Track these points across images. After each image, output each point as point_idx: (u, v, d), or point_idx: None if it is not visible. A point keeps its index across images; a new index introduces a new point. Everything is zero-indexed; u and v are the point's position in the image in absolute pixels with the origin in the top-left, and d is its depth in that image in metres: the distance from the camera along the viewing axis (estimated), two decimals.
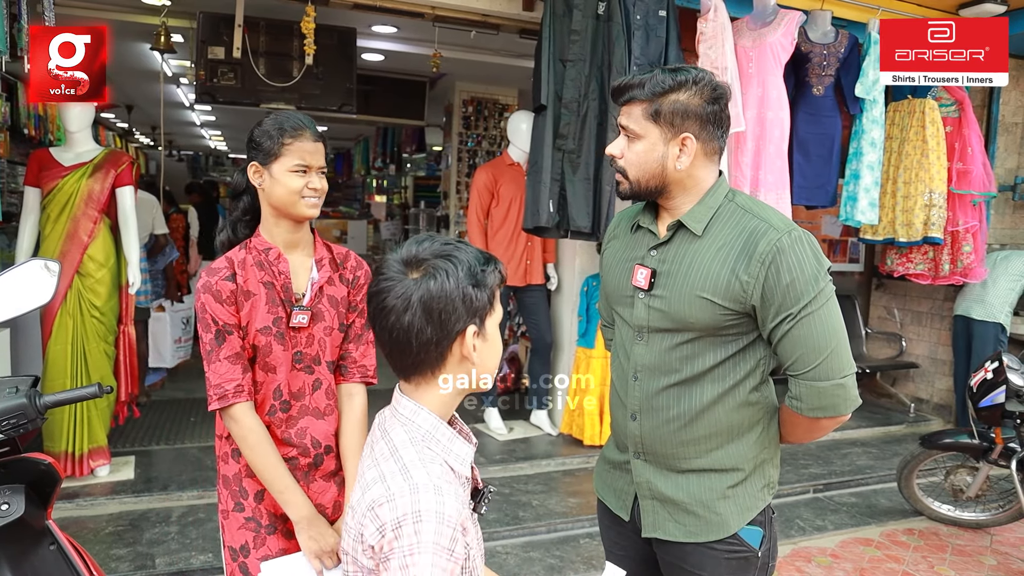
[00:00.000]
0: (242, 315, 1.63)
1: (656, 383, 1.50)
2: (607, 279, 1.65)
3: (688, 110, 1.40)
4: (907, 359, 5.70)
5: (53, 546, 1.68)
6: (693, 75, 1.41)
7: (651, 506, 1.55)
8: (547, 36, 3.45)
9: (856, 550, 3.52)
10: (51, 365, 3.56)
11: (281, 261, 1.66)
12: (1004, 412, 3.42)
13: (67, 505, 3.45)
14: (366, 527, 1.01)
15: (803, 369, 1.39)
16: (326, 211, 10.66)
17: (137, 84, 7.82)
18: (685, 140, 1.42)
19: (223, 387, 1.60)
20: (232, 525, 1.68)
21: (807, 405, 1.42)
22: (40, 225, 3.58)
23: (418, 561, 0.95)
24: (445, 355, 1.08)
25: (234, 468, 1.69)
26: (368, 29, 5.26)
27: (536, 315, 4.61)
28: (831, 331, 1.38)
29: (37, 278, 1.66)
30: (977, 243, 4.59)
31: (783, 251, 1.35)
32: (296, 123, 1.63)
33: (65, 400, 1.68)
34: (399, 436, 1.08)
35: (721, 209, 1.46)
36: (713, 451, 1.49)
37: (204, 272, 1.64)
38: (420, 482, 1.01)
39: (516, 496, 3.83)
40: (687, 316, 1.43)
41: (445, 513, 0.99)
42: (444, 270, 1.04)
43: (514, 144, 4.49)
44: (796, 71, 4.11)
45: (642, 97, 1.41)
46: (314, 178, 1.65)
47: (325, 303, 1.71)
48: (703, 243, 1.44)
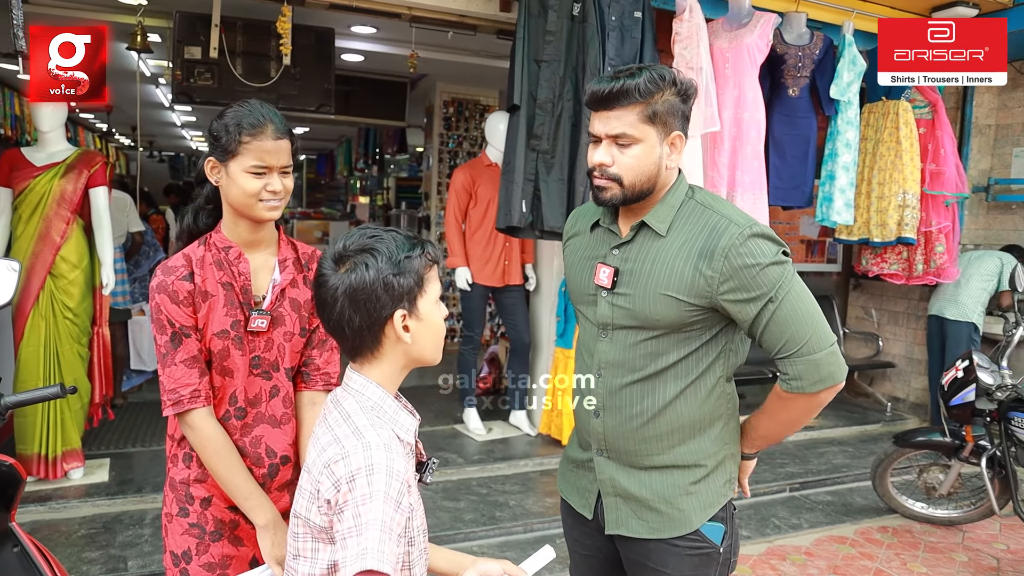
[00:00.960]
0: (200, 316, 1.55)
1: (619, 379, 1.51)
2: (570, 277, 1.66)
3: (675, 109, 1.42)
4: (884, 359, 5.76)
5: (16, 548, 1.66)
6: (670, 73, 1.43)
7: (614, 503, 1.56)
8: (522, 36, 3.46)
9: (830, 548, 3.55)
10: (23, 367, 3.52)
11: (241, 261, 1.58)
12: (974, 410, 3.47)
13: (40, 508, 3.42)
14: (322, 483, 1.10)
15: (796, 346, 1.40)
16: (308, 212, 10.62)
17: (116, 85, 7.70)
18: (676, 139, 1.44)
19: (178, 392, 1.52)
20: (176, 530, 1.62)
21: (809, 380, 1.42)
22: (12, 226, 3.54)
23: (371, 508, 1.04)
24: (380, 338, 1.18)
25: (183, 473, 1.62)
26: (347, 30, 5.25)
27: (515, 315, 4.62)
28: (810, 305, 1.43)
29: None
30: (950, 244, 4.65)
31: (744, 243, 1.38)
32: (257, 119, 1.51)
33: (27, 400, 1.67)
34: (351, 405, 1.18)
35: (683, 207, 1.48)
36: (676, 447, 1.50)
37: (160, 270, 1.55)
38: (371, 441, 1.10)
39: (493, 496, 3.83)
40: (651, 314, 1.45)
41: (394, 468, 1.09)
42: (364, 263, 1.14)
43: (492, 145, 4.50)
44: (771, 73, 4.14)
45: (639, 99, 1.39)
46: (274, 179, 1.53)
47: (287, 306, 1.62)
48: (665, 241, 1.46)
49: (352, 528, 1.04)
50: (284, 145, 1.54)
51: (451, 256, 4.51)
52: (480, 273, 4.50)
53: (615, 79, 1.40)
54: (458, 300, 6.09)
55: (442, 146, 7.02)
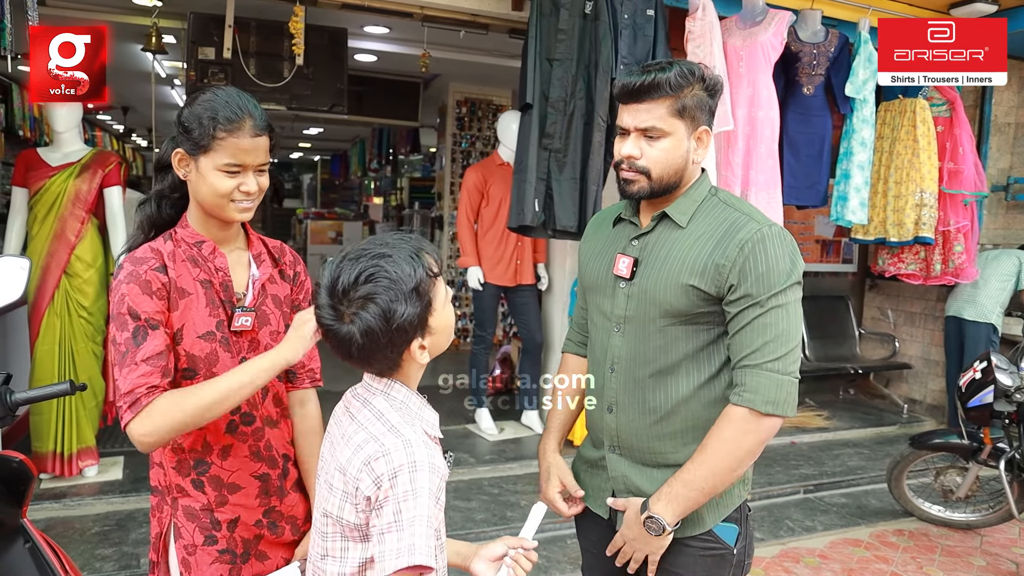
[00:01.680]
0: (174, 316, 1.39)
1: (632, 374, 1.50)
2: (585, 273, 1.65)
3: (703, 103, 1.44)
4: (900, 360, 5.70)
5: (28, 544, 1.67)
6: (699, 68, 1.43)
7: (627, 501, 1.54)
8: (534, 35, 3.45)
9: (845, 551, 3.51)
10: (39, 365, 3.55)
11: (217, 256, 1.45)
12: (993, 412, 3.41)
13: (54, 505, 3.45)
14: (362, 480, 1.09)
15: (765, 359, 1.38)
16: (321, 212, 10.67)
17: (132, 86, 7.82)
18: (703, 133, 1.45)
19: (134, 392, 1.29)
20: (203, 560, 1.46)
21: (763, 397, 1.37)
22: (28, 225, 3.58)
23: (416, 504, 1.05)
24: (399, 362, 1.18)
25: (201, 500, 1.46)
26: (360, 30, 5.26)
27: (527, 315, 4.61)
28: (796, 329, 1.41)
29: (9, 274, 1.66)
30: (968, 243, 4.59)
31: (762, 240, 1.38)
32: (235, 111, 1.35)
33: (37, 397, 1.68)
34: (381, 403, 1.18)
35: (705, 203, 1.49)
36: (689, 446, 1.47)
37: (127, 261, 1.38)
38: (411, 438, 1.11)
39: (505, 496, 3.83)
40: (663, 301, 1.45)
41: (435, 464, 1.11)
42: (372, 313, 1.10)
43: (504, 144, 4.49)
44: (786, 71, 4.10)
45: (669, 93, 1.39)
46: (249, 179, 1.39)
47: (269, 303, 1.52)
48: (684, 232, 1.47)
49: (392, 524, 1.05)
50: (262, 143, 1.39)
51: (463, 256, 4.50)
52: (492, 273, 4.49)
53: (646, 72, 1.41)
54: (470, 300, 6.10)
55: (455, 146, 7.02)
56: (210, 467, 1.47)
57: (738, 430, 1.39)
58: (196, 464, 1.47)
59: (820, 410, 5.44)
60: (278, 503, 1.55)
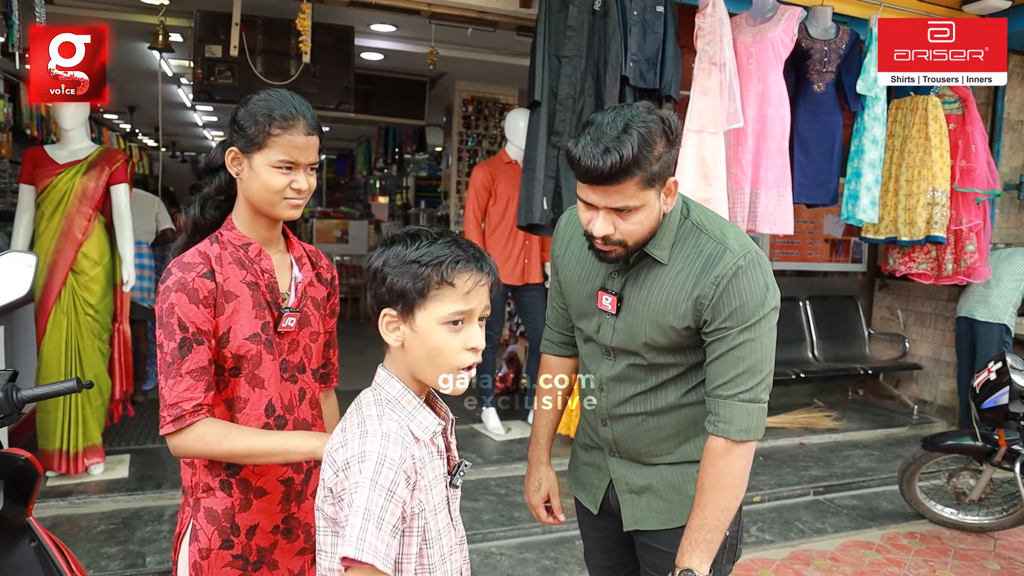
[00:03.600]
0: (221, 320, 1.42)
1: (622, 393, 1.56)
2: (569, 292, 1.63)
3: (668, 161, 1.37)
4: (910, 360, 5.65)
5: (34, 543, 1.66)
6: (655, 120, 1.33)
7: (630, 500, 1.61)
8: (542, 32, 3.43)
9: (856, 553, 3.47)
10: (45, 363, 3.54)
11: (263, 258, 1.48)
12: (1008, 414, 3.37)
13: (60, 503, 3.44)
14: (326, 470, 1.12)
15: (738, 389, 1.42)
16: (327, 212, 10.66)
17: (139, 85, 7.83)
18: (672, 185, 1.41)
19: (180, 407, 1.36)
20: (216, 563, 1.47)
21: (737, 427, 1.41)
22: (35, 223, 3.57)
23: (358, 495, 1.05)
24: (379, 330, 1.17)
25: (224, 502, 1.47)
26: (367, 28, 5.25)
27: (534, 314, 4.58)
28: (768, 357, 1.43)
29: (16, 271, 1.65)
30: (981, 242, 4.54)
31: (736, 275, 1.39)
32: (289, 110, 1.40)
33: (43, 394, 1.66)
34: (367, 396, 1.19)
35: (680, 229, 1.47)
36: (682, 445, 1.56)
37: (175, 266, 1.41)
38: (371, 429, 1.11)
39: (512, 496, 3.80)
40: (648, 339, 1.48)
41: (387, 456, 1.08)
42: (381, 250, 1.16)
43: (512, 142, 4.46)
44: (796, 68, 4.07)
45: (636, 172, 1.31)
46: (300, 177, 1.42)
47: (310, 305, 1.55)
48: (665, 269, 1.47)
49: (346, 516, 1.06)
50: (314, 142, 1.43)
51: None
52: (499, 271, 4.44)
53: (607, 152, 1.28)
54: None
55: (461, 145, 7.00)
56: (241, 469, 1.48)
57: (724, 461, 1.43)
58: (228, 465, 1.47)
59: (829, 411, 5.39)
60: (296, 509, 1.55)
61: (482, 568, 3.12)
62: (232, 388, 1.45)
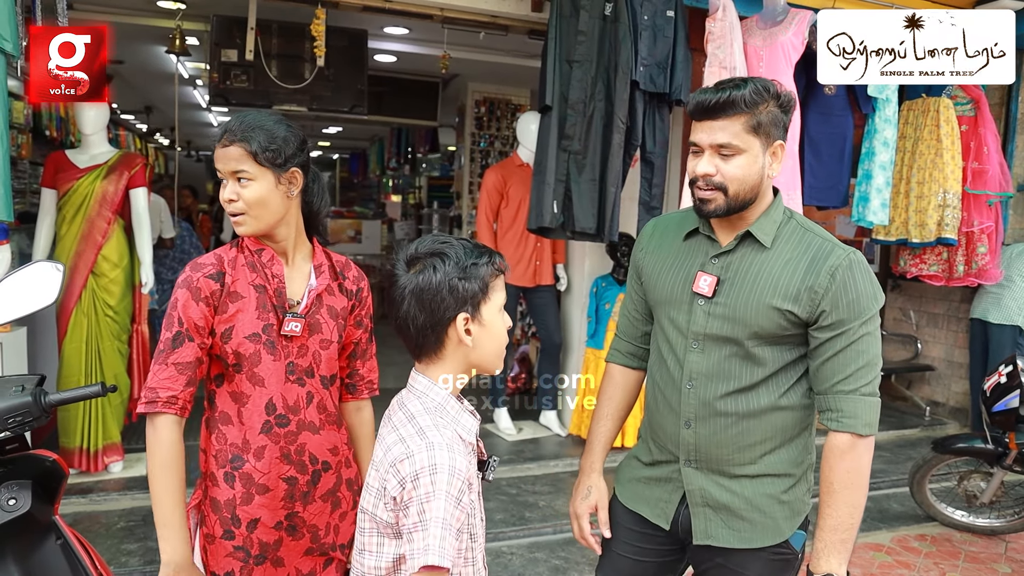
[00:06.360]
0: (223, 318, 1.50)
1: (713, 390, 1.50)
2: (656, 286, 1.60)
3: (778, 119, 1.44)
4: (923, 361, 5.63)
5: (59, 541, 1.71)
6: (773, 86, 1.44)
7: (703, 513, 1.55)
8: (553, 37, 3.46)
9: (866, 555, 3.48)
10: (66, 363, 3.62)
11: (274, 263, 1.55)
12: (1019, 417, 3.37)
13: (81, 500, 3.52)
14: (388, 481, 1.18)
15: (859, 384, 1.42)
16: (340, 211, 10.73)
17: (156, 87, 7.93)
18: (778, 148, 1.46)
19: (156, 392, 1.46)
20: (218, 551, 1.55)
21: (863, 421, 1.42)
22: (56, 226, 3.64)
23: (434, 505, 1.12)
24: (443, 339, 1.24)
25: (227, 493, 1.53)
26: (380, 31, 5.29)
27: (545, 316, 4.62)
28: (879, 351, 1.45)
29: (45, 278, 1.70)
30: (992, 244, 4.52)
31: (850, 268, 1.42)
32: (226, 126, 1.49)
33: (70, 399, 1.72)
34: (415, 406, 1.25)
35: (784, 225, 1.50)
36: (767, 455, 1.51)
37: (189, 265, 1.52)
38: (435, 441, 1.18)
39: (523, 496, 3.84)
40: (752, 323, 1.46)
41: (456, 467, 1.16)
42: (433, 265, 1.21)
43: (524, 145, 4.50)
44: (807, 70, 4.06)
45: (744, 110, 1.40)
46: (228, 188, 1.48)
47: (324, 313, 1.59)
48: (770, 255, 1.47)
49: (417, 524, 1.13)
50: (233, 151, 1.46)
51: None
52: (511, 273, 4.50)
53: (720, 89, 1.41)
54: None
55: (473, 146, 7.04)
56: (244, 464, 1.54)
57: (852, 456, 1.44)
58: (233, 459, 1.54)
59: None
60: (301, 509, 1.58)
61: (493, 567, 3.16)
62: (236, 383, 1.54)
